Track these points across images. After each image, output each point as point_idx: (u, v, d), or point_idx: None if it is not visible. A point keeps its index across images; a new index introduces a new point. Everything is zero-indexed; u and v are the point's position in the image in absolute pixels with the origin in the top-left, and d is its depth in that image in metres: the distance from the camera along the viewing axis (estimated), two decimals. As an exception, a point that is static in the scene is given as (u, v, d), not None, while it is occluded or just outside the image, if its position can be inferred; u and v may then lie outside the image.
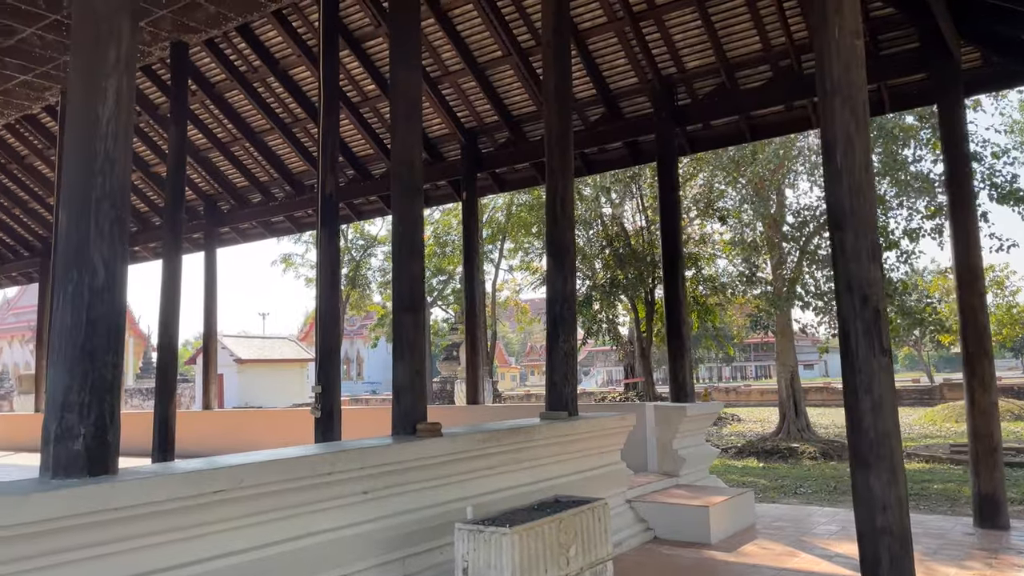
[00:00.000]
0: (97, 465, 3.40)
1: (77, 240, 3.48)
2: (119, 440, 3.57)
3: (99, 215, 3.51)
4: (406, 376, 5.27)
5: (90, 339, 3.43)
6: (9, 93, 12.01)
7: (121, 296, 3.58)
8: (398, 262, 5.37)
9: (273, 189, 13.33)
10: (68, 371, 3.41)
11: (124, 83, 3.64)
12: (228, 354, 40.10)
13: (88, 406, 3.40)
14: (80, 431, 3.37)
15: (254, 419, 13.20)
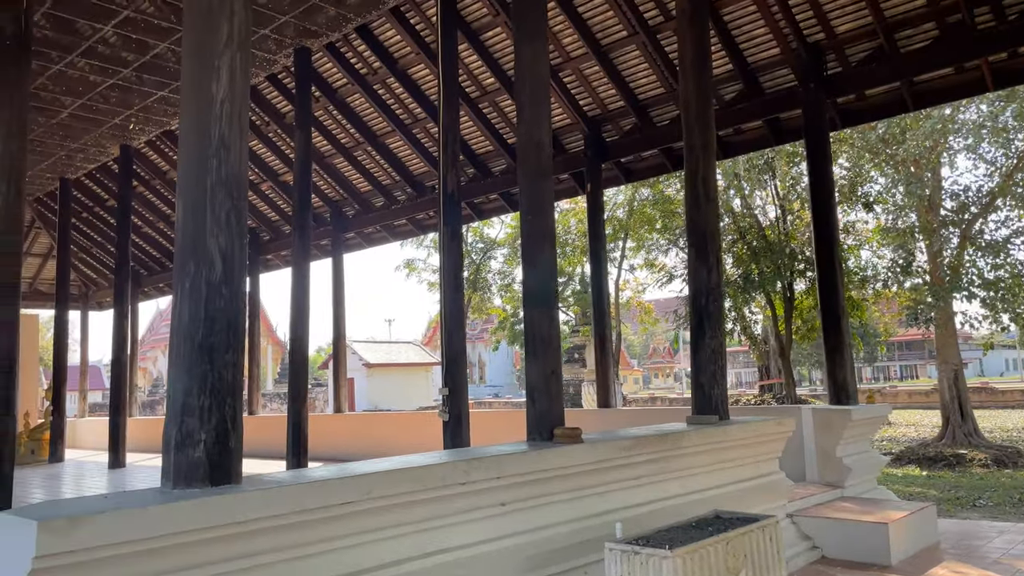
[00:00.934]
0: (219, 473, 3.13)
1: (193, 230, 3.23)
2: (242, 446, 3.29)
3: (215, 203, 3.25)
4: (540, 377, 4.81)
5: (208, 336, 3.17)
6: (148, 110, 12.56)
7: (240, 290, 3.31)
8: (528, 254, 4.93)
9: (395, 192, 13.30)
10: (187, 371, 3.16)
11: (238, 61, 3.38)
12: (357, 359, 41.40)
13: (208, 410, 3.14)
14: (200, 436, 3.11)
15: (383, 422, 13.19)
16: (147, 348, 60.14)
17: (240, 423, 3.27)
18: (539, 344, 4.83)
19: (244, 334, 3.35)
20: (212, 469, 3.11)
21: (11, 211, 5.25)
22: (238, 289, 3.30)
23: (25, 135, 5.36)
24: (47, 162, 14.82)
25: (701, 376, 6.07)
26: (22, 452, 15.62)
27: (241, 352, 3.31)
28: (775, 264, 16.99)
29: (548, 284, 4.88)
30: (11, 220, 5.24)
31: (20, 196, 5.34)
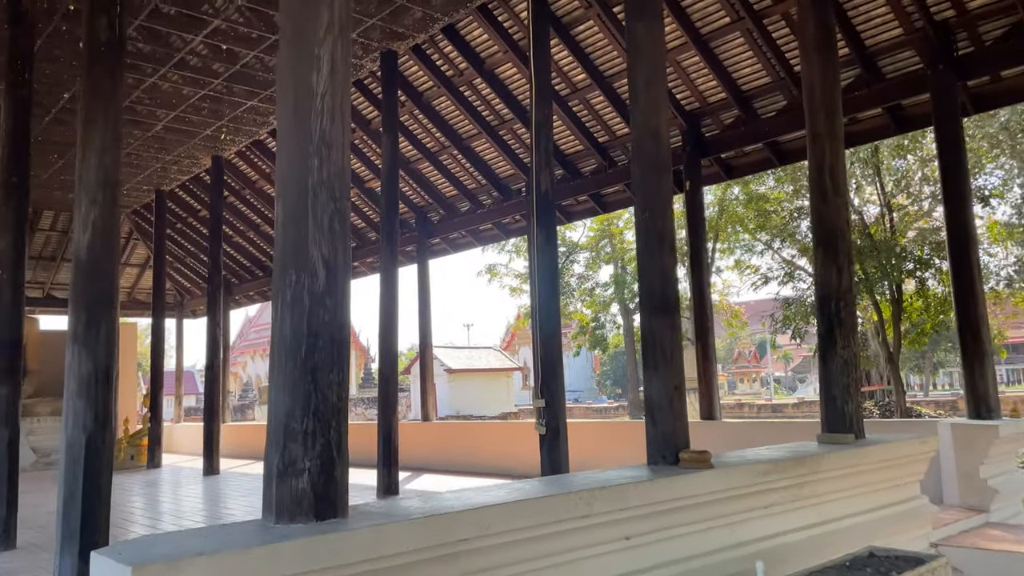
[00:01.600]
0: (325, 506, 2.81)
1: (295, 236, 2.93)
2: (347, 476, 2.97)
3: (316, 206, 2.94)
4: (662, 393, 4.34)
5: (312, 353, 2.86)
6: (238, 120, 12.67)
7: (344, 302, 2.99)
8: (645, 255, 4.47)
9: (480, 196, 13.02)
10: (289, 392, 2.85)
11: (339, 50, 3.07)
12: (438, 364, 41.55)
13: (312, 435, 2.82)
14: (304, 465, 2.79)
15: (473, 431, 12.91)
16: (237, 354, 62.07)
17: (346, 449, 2.95)
18: (660, 357, 4.37)
19: (349, 350, 3.03)
20: (317, 501, 2.79)
21: (107, 222, 5.14)
22: (343, 301, 2.98)
23: (119, 148, 5.27)
24: (143, 174, 15.22)
25: (833, 389, 5.47)
26: (121, 458, 16.07)
27: (347, 371, 2.99)
28: (881, 264, 15.93)
29: (668, 291, 4.41)
30: (107, 231, 5.13)
31: (115, 207, 5.24)
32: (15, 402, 7.08)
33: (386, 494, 9.62)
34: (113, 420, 5.09)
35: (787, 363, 65.56)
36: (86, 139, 5.15)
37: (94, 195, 5.09)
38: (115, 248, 5.20)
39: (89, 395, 4.93)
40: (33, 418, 16.54)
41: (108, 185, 5.14)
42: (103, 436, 4.97)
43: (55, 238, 19.36)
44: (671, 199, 4.60)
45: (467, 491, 3.57)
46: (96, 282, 5.05)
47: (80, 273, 5.04)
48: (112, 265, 5.16)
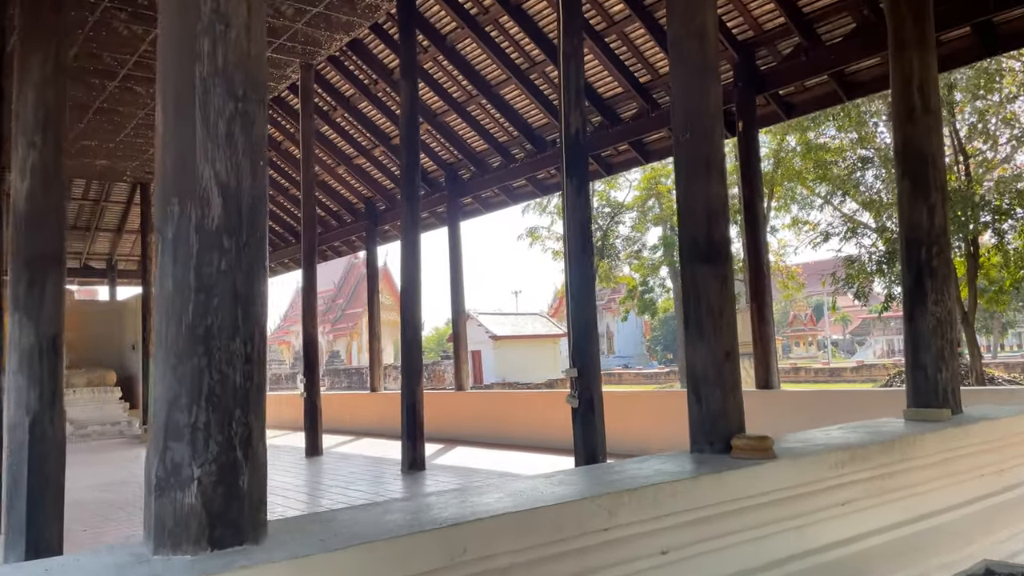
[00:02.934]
0: (224, 530, 1.99)
1: (177, 150, 2.08)
2: (264, 485, 2.14)
3: (208, 107, 2.08)
4: (709, 362, 3.42)
5: (203, 315, 2.03)
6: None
7: (255, 244, 2.14)
8: (685, 189, 3.52)
9: (513, 149, 12.06)
10: (172, 370, 2.03)
11: None
12: (484, 331, 40.99)
13: (205, 430, 2.00)
14: (193, 472, 1.98)
15: (507, 401, 12.14)
16: (289, 323, 62.62)
17: (259, 449, 2.12)
18: (705, 316, 3.43)
19: (264, 310, 2.18)
20: (212, 523, 1.97)
21: (49, 167, 4.40)
22: (252, 242, 2.13)
23: (62, 79, 4.49)
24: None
25: (923, 355, 4.45)
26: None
27: (260, 339, 2.15)
28: (955, 215, 14.49)
29: (715, 232, 3.46)
30: (50, 178, 4.38)
31: (59, 151, 4.48)
32: None
33: (411, 469, 8.92)
34: (60, 398, 4.38)
35: (845, 326, 63.43)
36: (23, 70, 4.37)
37: (32, 136, 4.33)
38: (59, 198, 4.45)
39: (32, 370, 4.22)
40: (69, 389, 16.38)
41: (49, 125, 4.38)
42: (50, 416, 4.27)
43: (88, 207, 19.09)
44: (720, 115, 3.61)
45: (448, 495, 2.72)
46: (37, 238, 4.32)
47: (18, 228, 4.30)
48: (57, 218, 4.41)
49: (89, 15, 9.68)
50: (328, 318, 56.58)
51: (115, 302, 20.33)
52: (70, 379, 16.63)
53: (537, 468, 8.74)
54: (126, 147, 15.11)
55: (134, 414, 17.49)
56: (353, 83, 12.42)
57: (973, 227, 14.68)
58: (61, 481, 4.35)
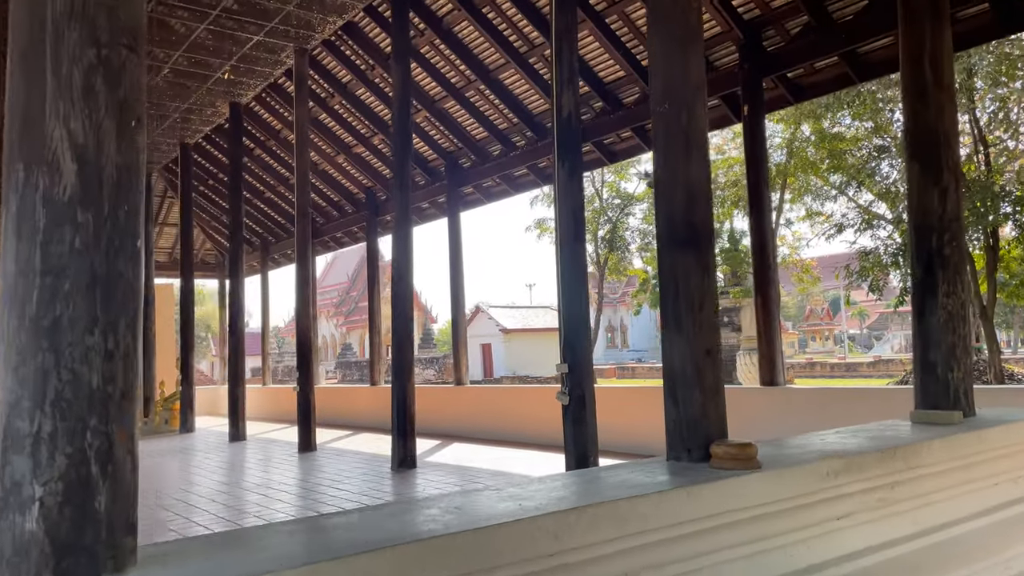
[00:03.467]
0: (73, 560, 1.66)
1: (24, 105, 1.75)
2: (132, 505, 1.81)
3: (60, 54, 1.75)
4: (686, 359, 3.07)
5: (50, 304, 1.69)
6: (249, 59, 11.61)
7: (128, 221, 1.81)
8: (663, 165, 3.16)
9: (513, 136, 11.70)
10: (13, 369, 1.71)
11: None
12: (494, 324, 40.72)
13: (51, 440, 1.67)
14: (34, 492, 1.65)
15: (505, 397, 11.81)
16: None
17: (124, 464, 1.78)
18: (684, 308, 3.07)
19: (136, 298, 1.85)
20: (59, 554, 1.64)
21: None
22: (121, 217, 1.80)
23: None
24: (164, 125, 14.40)
25: (932, 352, 4.07)
26: (157, 422, 15.63)
27: (130, 332, 1.81)
28: (974, 206, 13.96)
29: (695, 213, 3.09)
30: None
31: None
32: None
33: (401, 467, 8.62)
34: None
35: (862, 320, 62.56)
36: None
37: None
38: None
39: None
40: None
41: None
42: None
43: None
44: (703, 87, 3.24)
45: (381, 511, 2.39)
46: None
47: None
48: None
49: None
50: (342, 311, 56.50)
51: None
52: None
53: (534, 466, 8.41)
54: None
55: (135, 406, 17.31)
56: (350, 68, 12.10)
57: (993, 218, 14.14)
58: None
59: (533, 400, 10.68)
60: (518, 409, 10.99)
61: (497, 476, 7.89)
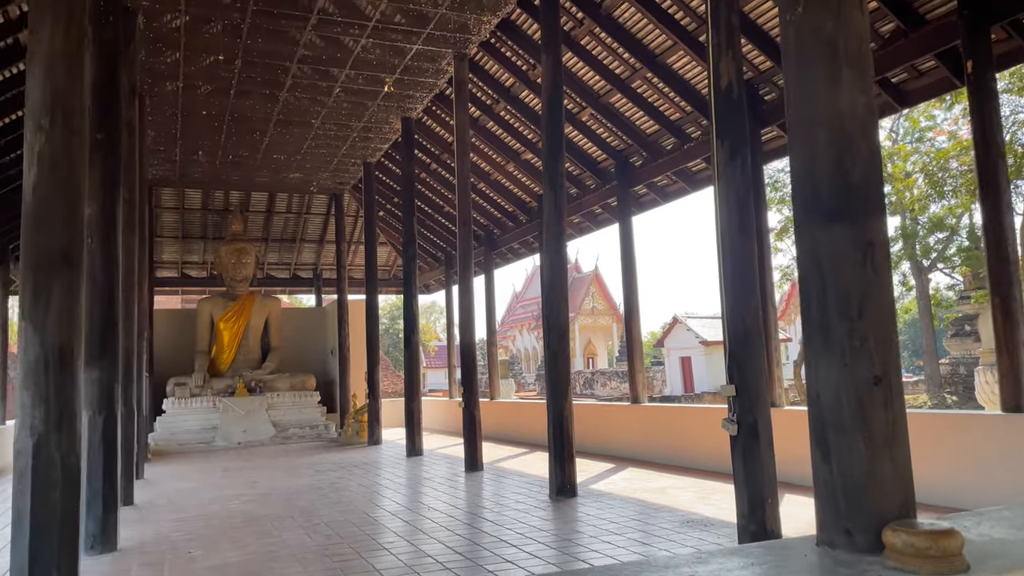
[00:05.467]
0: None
1: None
2: None
3: None
4: (841, 388, 1.99)
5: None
6: (412, 71, 11.50)
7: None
8: (796, 91, 2.12)
9: (687, 127, 10.54)
10: None
11: None
12: (693, 336, 38.71)
13: None
14: None
15: (676, 416, 10.55)
16: (505, 328, 63.93)
17: None
18: (834, 313, 2.01)
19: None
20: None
21: (58, 155, 3.88)
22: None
23: (79, 55, 3.97)
24: (345, 146, 14.84)
25: None
26: (348, 433, 16.08)
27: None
28: None
29: (852, 167, 2.02)
30: (58, 167, 3.87)
31: (70, 135, 3.96)
32: (111, 386, 6.32)
33: (559, 495, 7.82)
34: (78, 421, 3.82)
35: None
36: (33, 45, 3.91)
37: (39, 119, 3.84)
38: (74, 190, 3.91)
39: (38, 385, 3.70)
40: (273, 393, 17.23)
41: (58, 105, 3.87)
42: (58, 441, 3.71)
43: (292, 220, 20.17)
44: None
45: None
46: (43, 235, 3.81)
47: (25, 226, 3.82)
48: (68, 212, 3.87)
49: (241, 20, 9.72)
50: (540, 324, 57.00)
51: (316, 309, 21.32)
52: (274, 384, 17.51)
53: (703, 501, 7.26)
54: (312, 157, 15.54)
55: (331, 418, 18.05)
56: (511, 71, 11.59)
57: None
58: (73, 515, 3.78)
59: (707, 421, 9.42)
60: (691, 431, 9.77)
61: (659, 514, 6.84)
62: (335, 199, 18.47)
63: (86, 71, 4.02)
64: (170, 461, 13.47)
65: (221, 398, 16.74)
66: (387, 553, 5.68)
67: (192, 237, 19.74)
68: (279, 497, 8.67)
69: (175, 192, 18.26)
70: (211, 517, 7.58)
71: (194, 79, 11.44)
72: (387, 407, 18.31)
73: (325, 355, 19.73)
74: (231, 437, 16.14)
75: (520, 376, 53.11)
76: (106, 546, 6.15)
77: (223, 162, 15.50)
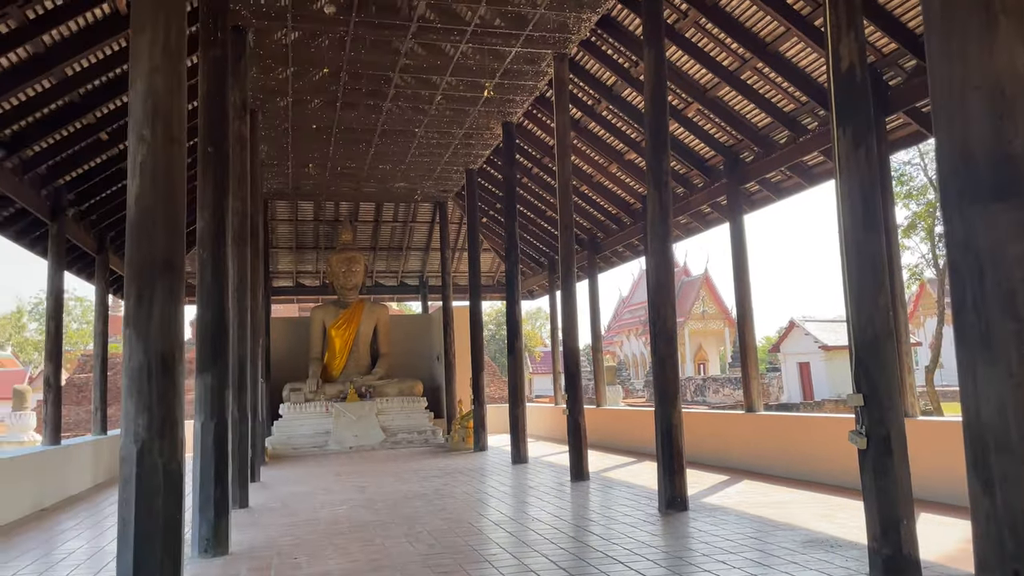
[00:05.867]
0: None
1: None
2: None
3: None
4: (1006, 402, 1.64)
5: None
6: (512, 74, 11.40)
7: None
8: (941, 51, 1.78)
9: (802, 118, 9.91)
10: None
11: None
12: (811, 340, 36.88)
13: None
14: None
15: (795, 426, 9.89)
16: (612, 333, 63.23)
17: None
18: (998, 312, 1.66)
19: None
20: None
21: (159, 164, 3.93)
22: None
23: (178, 65, 4.02)
24: (448, 153, 14.94)
25: None
26: (454, 440, 16.16)
27: None
28: None
29: (1014, 135, 1.66)
30: (159, 176, 3.92)
31: (172, 144, 4.01)
32: (222, 391, 6.48)
33: (669, 509, 7.45)
34: (180, 428, 3.85)
35: None
36: (134, 55, 3.99)
37: (141, 129, 3.91)
38: (175, 198, 3.95)
39: (141, 393, 3.75)
40: (383, 398, 17.55)
41: (159, 116, 3.93)
42: (161, 448, 3.75)
43: (398, 228, 20.55)
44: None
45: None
46: (145, 243, 3.86)
47: (129, 235, 3.89)
48: (169, 220, 3.92)
49: (344, 32, 9.90)
50: (647, 329, 55.89)
51: (422, 316, 21.62)
52: (383, 389, 17.84)
53: (830, 519, 6.71)
54: (416, 166, 15.74)
55: (438, 423, 18.20)
56: (612, 69, 11.29)
57: None
58: (176, 523, 3.80)
59: (830, 431, 8.76)
60: (812, 441, 9.13)
61: (779, 531, 6.36)
62: (439, 207, 18.67)
63: (184, 81, 4.07)
64: (285, 465, 13.90)
65: (333, 403, 17.19)
66: (489, 566, 5.52)
67: (305, 247, 20.45)
68: (385, 503, 8.70)
69: (289, 204, 18.97)
70: (319, 522, 7.67)
71: (303, 94, 11.78)
72: (493, 413, 18.29)
73: (431, 361, 19.96)
74: (343, 441, 16.54)
75: (628, 382, 52.27)
76: (218, 549, 6.28)
77: (332, 173, 15.94)
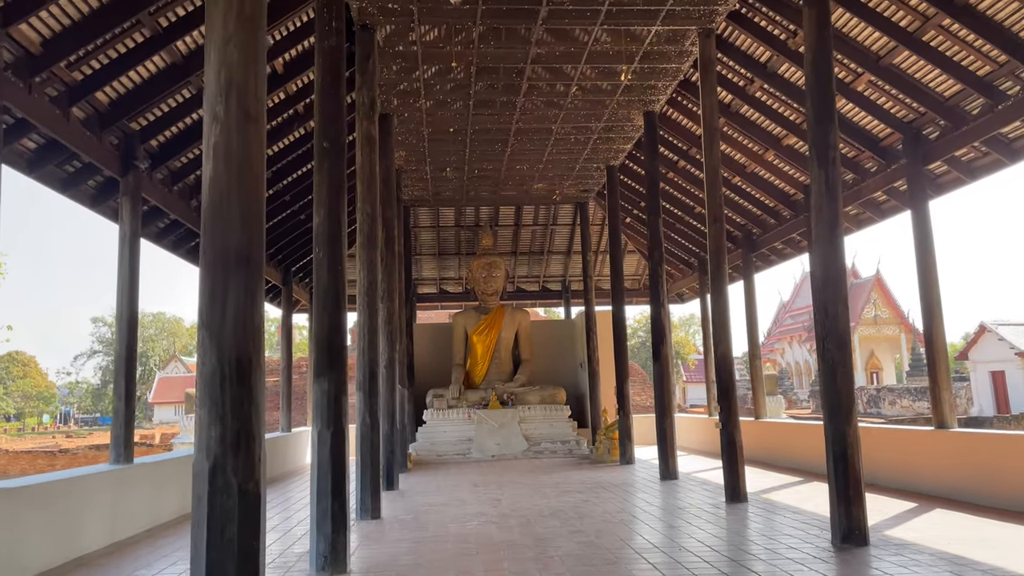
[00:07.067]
0: None
1: None
2: None
3: None
4: None
5: None
6: (652, 57, 10.51)
7: None
8: None
9: (1000, 82, 8.34)
10: None
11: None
12: (1007, 347, 32.87)
13: None
14: None
15: (998, 446, 8.24)
16: (773, 340, 59.73)
17: None
18: None
19: None
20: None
21: (233, 145, 3.51)
22: None
23: (257, 36, 3.60)
24: (587, 149, 14.22)
25: None
26: (599, 451, 15.35)
27: None
28: None
29: None
30: (233, 157, 3.49)
31: (250, 123, 3.58)
32: (338, 398, 6.09)
33: (845, 542, 6.31)
34: (259, 441, 3.38)
35: None
36: (209, 25, 3.59)
37: (215, 107, 3.49)
38: (253, 183, 3.51)
39: (214, 401, 3.31)
40: (524, 406, 17.04)
41: (233, 90, 3.50)
42: (235, 465, 3.29)
43: (539, 232, 20.04)
44: None
45: None
46: (219, 232, 3.43)
47: (203, 224, 3.48)
48: (246, 207, 3.47)
49: (472, 23, 9.45)
50: (812, 335, 52.44)
51: (566, 321, 20.92)
52: (524, 397, 17.32)
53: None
54: (554, 165, 15.14)
55: (582, 433, 17.45)
56: (766, 42, 10.10)
57: None
58: (253, 553, 3.32)
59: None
60: (1022, 464, 7.57)
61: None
62: (580, 208, 17.96)
63: (262, 53, 3.61)
64: (427, 472, 13.67)
65: (475, 410, 16.88)
66: (625, 608, 4.72)
67: (447, 254, 20.40)
68: (518, 521, 8.07)
69: (430, 211, 18.96)
70: (447, 539, 7.15)
71: (435, 96, 11.49)
72: (641, 423, 17.30)
73: (575, 368, 19.25)
74: (485, 450, 16.17)
75: (791, 392, 48.97)
76: (336, 567, 5.88)
77: (470, 177, 15.65)
